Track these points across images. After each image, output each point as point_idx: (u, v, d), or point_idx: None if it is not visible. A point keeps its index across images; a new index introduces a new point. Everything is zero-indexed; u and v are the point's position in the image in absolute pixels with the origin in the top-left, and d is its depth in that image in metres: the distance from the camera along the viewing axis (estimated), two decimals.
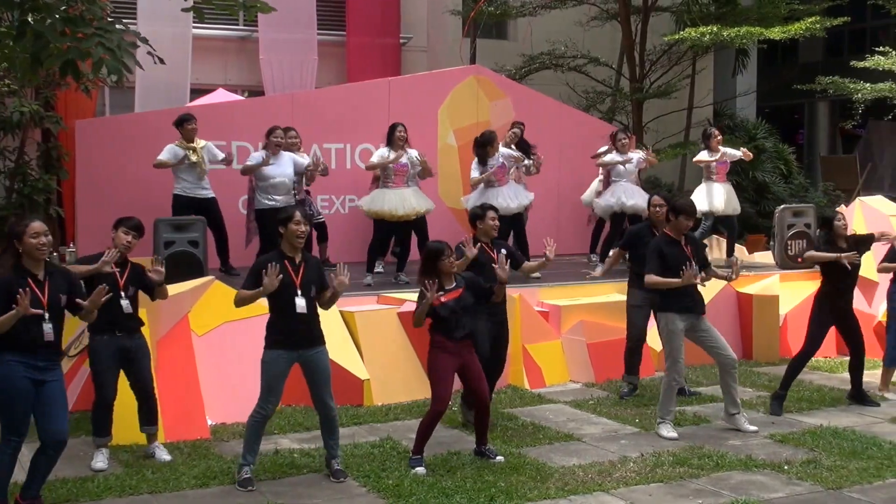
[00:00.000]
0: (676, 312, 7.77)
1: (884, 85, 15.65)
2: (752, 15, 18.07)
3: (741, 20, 17.48)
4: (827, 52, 28.51)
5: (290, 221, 6.54)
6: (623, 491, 6.47)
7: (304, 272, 6.56)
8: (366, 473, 6.74)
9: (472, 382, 7.09)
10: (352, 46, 17.87)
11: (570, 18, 19.67)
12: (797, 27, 16.58)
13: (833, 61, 24.78)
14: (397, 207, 10.58)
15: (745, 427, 7.93)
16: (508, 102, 13.54)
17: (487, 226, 7.81)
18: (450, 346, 6.90)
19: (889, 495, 6.40)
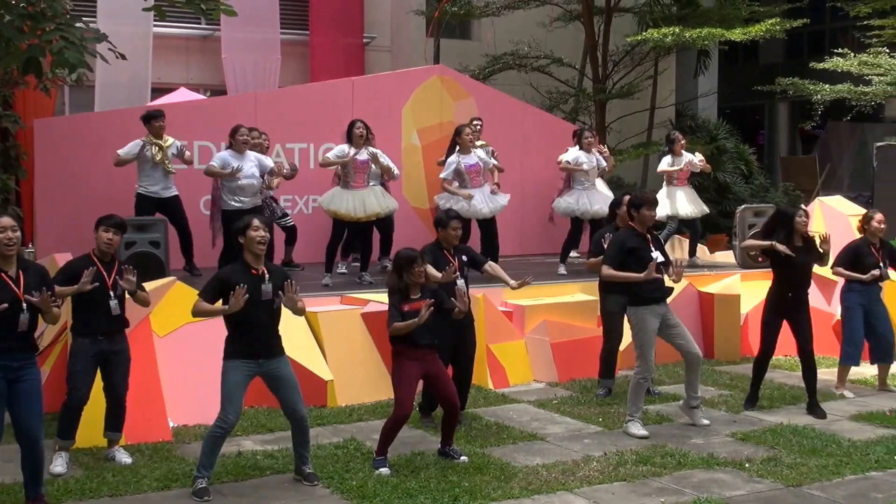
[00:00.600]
0: (648, 305, 7.79)
1: (842, 86, 15.84)
2: (713, 16, 18.24)
3: (703, 21, 17.65)
4: (787, 53, 28.82)
5: (248, 229, 6.40)
6: (586, 490, 6.48)
7: (265, 281, 6.44)
8: (329, 474, 6.70)
9: (439, 389, 7.08)
10: (315, 46, 17.82)
11: (533, 19, 19.74)
12: (757, 29, 16.74)
13: (793, 63, 25.04)
14: (356, 209, 10.47)
15: (700, 421, 8.02)
16: (472, 102, 13.56)
17: (449, 234, 7.82)
18: (412, 354, 6.88)
19: (848, 492, 6.46)
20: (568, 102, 19.34)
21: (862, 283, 9.16)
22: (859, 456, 7.18)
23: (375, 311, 9.14)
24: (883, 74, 15.26)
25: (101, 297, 6.82)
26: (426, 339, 6.91)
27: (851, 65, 15.59)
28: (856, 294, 9.22)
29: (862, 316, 9.22)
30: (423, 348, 6.90)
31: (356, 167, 10.50)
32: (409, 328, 6.77)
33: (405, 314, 6.82)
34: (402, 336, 6.87)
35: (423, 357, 6.90)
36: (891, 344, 9.37)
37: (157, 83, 16.00)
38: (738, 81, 25.70)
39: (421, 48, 18.39)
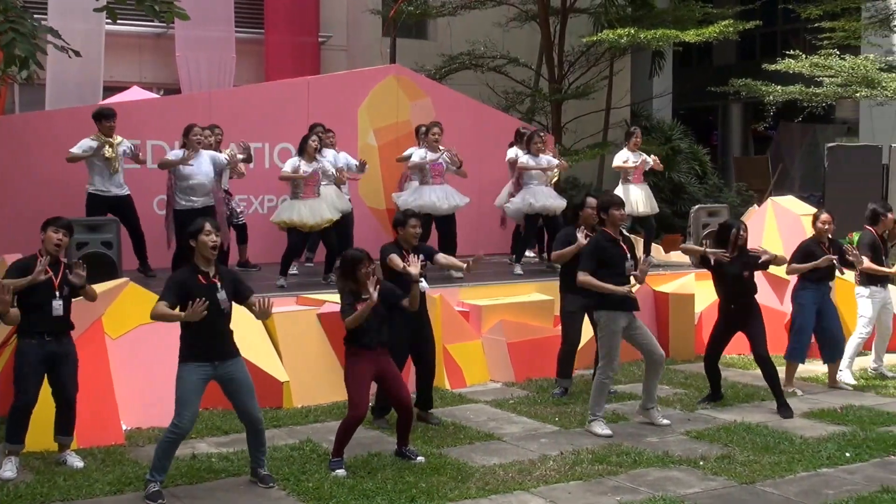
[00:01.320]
0: (617, 310, 7.81)
1: (794, 87, 16.00)
2: (667, 18, 18.38)
3: (657, 23, 17.77)
4: (740, 55, 29.11)
5: (200, 233, 6.35)
6: (543, 489, 6.49)
7: (215, 283, 6.40)
8: (285, 476, 6.66)
9: (391, 389, 7.07)
10: (270, 45, 17.72)
11: (489, 19, 19.77)
12: (711, 30, 16.88)
13: (746, 64, 25.29)
14: (306, 218, 10.44)
15: (659, 421, 8.07)
16: (428, 102, 13.54)
17: (408, 233, 7.82)
18: (364, 354, 6.86)
19: (800, 488, 6.53)
20: (524, 103, 19.39)
21: (815, 281, 9.29)
22: (811, 453, 7.26)
23: (332, 311, 9.08)
24: (833, 76, 15.44)
25: (46, 298, 6.74)
26: (378, 339, 6.89)
27: (803, 66, 15.76)
28: (810, 292, 9.34)
29: (814, 314, 9.34)
30: (375, 348, 6.88)
31: (305, 181, 10.47)
32: (363, 315, 6.74)
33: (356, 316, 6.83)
34: (354, 336, 6.86)
35: (375, 357, 6.89)
36: (841, 341, 9.52)
37: (110, 82, 15.81)
38: (692, 82, 25.91)
39: (377, 48, 18.35)
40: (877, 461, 7.13)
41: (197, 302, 6.17)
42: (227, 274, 6.67)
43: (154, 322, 7.56)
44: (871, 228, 9.86)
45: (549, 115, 18.98)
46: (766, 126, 20.83)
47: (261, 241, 11.80)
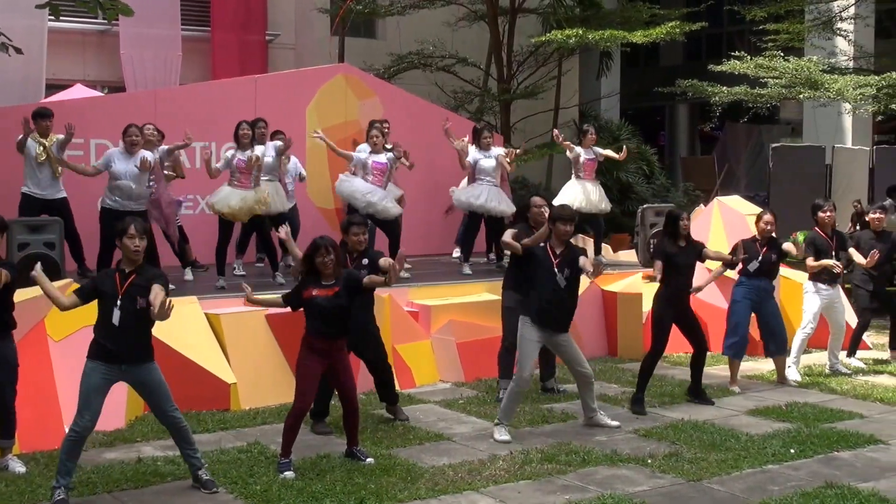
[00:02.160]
0: (534, 323, 7.73)
1: (739, 88, 16.17)
2: (615, 19, 18.50)
3: (605, 24, 17.88)
4: (686, 56, 29.40)
5: (124, 235, 6.27)
6: (493, 489, 6.48)
7: (130, 283, 6.25)
8: (233, 479, 6.59)
9: (338, 384, 7.03)
10: (217, 43, 17.57)
11: (438, 18, 19.76)
12: (658, 31, 17.03)
13: (692, 65, 25.54)
14: (234, 207, 10.26)
15: (607, 422, 8.04)
16: (377, 101, 13.50)
17: (351, 241, 7.70)
18: (318, 345, 6.81)
19: (746, 485, 6.59)
20: (473, 102, 19.41)
21: (750, 276, 9.40)
22: (757, 450, 7.33)
23: (279, 312, 9.00)
24: (778, 77, 15.63)
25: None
26: (335, 329, 6.84)
27: (748, 67, 15.92)
28: (743, 288, 9.46)
29: (748, 309, 9.44)
30: (330, 338, 6.82)
31: (238, 167, 10.33)
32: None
33: (301, 300, 6.82)
34: (309, 325, 6.83)
35: (329, 348, 6.83)
36: (784, 338, 9.64)
37: (53, 79, 15.56)
38: (639, 83, 26.12)
39: (325, 46, 18.28)
40: (821, 457, 7.22)
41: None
42: (149, 273, 6.42)
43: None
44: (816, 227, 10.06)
45: (498, 115, 19.03)
46: (713, 126, 21.09)
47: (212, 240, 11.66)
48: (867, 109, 15.77)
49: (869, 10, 19.00)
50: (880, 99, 14.66)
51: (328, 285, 6.82)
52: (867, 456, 7.26)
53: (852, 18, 17.76)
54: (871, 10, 19.24)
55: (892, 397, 9.06)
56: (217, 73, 17.03)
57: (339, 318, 6.86)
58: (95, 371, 6.21)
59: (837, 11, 17.53)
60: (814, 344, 11.07)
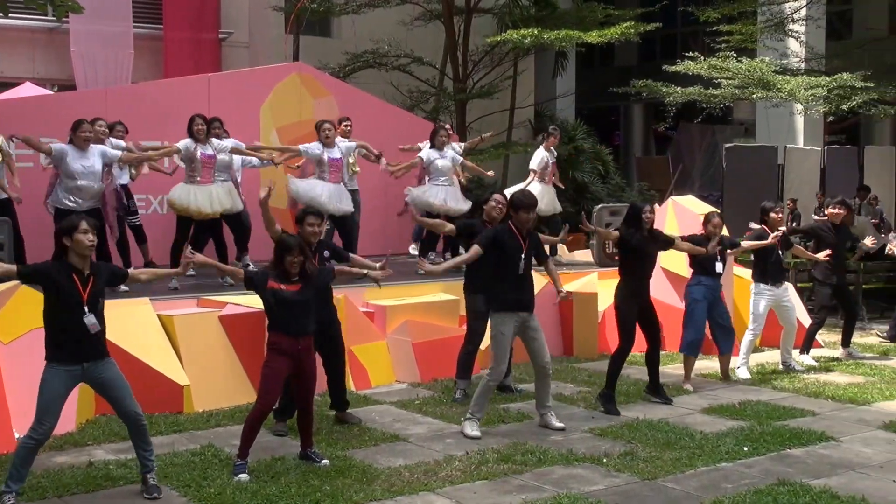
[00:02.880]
0: (507, 311, 7.76)
1: (693, 89, 16.29)
2: (570, 19, 18.56)
3: (560, 24, 17.92)
4: (641, 56, 29.60)
5: (75, 231, 6.10)
6: (449, 490, 6.47)
7: (92, 286, 6.18)
8: (186, 483, 6.52)
9: (300, 384, 6.97)
10: (169, 40, 17.39)
11: (393, 17, 19.72)
12: (612, 32, 17.11)
13: (647, 65, 25.71)
14: (204, 205, 10.18)
15: (554, 424, 7.99)
16: (332, 100, 13.43)
17: (306, 232, 7.58)
18: (286, 345, 6.75)
19: (700, 483, 6.63)
20: (429, 102, 19.39)
21: (706, 275, 9.49)
22: (710, 448, 7.39)
23: (234, 313, 8.96)
24: (731, 78, 15.76)
25: None
26: (304, 328, 6.80)
27: (702, 68, 16.04)
28: (703, 288, 9.54)
29: (706, 309, 9.53)
30: (298, 337, 6.77)
31: (203, 162, 10.22)
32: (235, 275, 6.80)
33: (265, 287, 6.78)
34: (275, 325, 6.79)
35: (296, 348, 6.76)
36: (732, 334, 9.77)
37: (1, 77, 15.31)
38: (594, 83, 26.25)
39: (280, 45, 18.16)
40: (773, 455, 7.29)
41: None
42: (104, 269, 6.43)
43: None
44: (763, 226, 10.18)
45: (454, 115, 19.02)
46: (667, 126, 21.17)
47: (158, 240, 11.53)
48: (818, 110, 15.96)
49: (820, 11, 19.24)
50: (831, 100, 14.84)
51: (294, 281, 6.79)
52: (819, 453, 7.35)
53: (803, 20, 17.97)
54: (822, 12, 19.48)
55: (843, 395, 9.19)
56: (169, 71, 16.86)
57: (304, 314, 6.80)
58: (57, 377, 6.10)
59: (789, 13, 17.73)
60: (766, 342, 11.21)
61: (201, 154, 10.20)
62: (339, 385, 8.11)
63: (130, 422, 6.36)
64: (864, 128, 24.72)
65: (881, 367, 10.51)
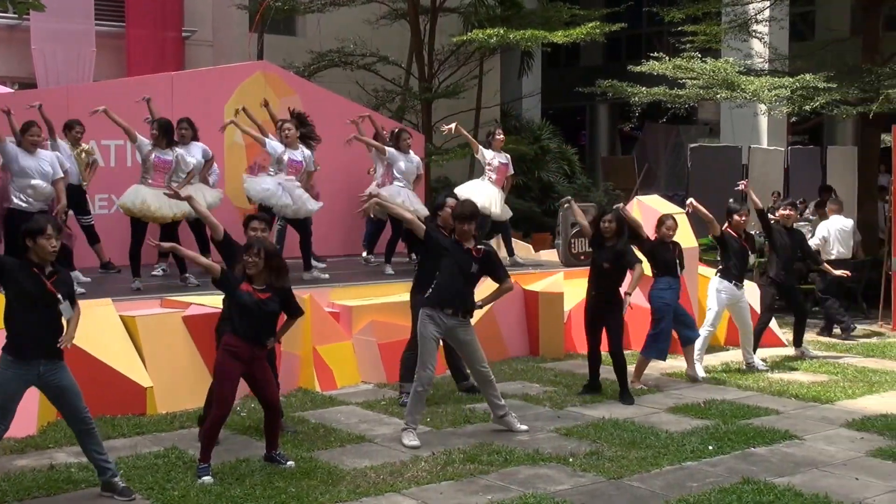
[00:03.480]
0: (434, 309, 7.65)
1: (658, 89, 16.34)
2: (536, 19, 18.56)
3: (526, 23, 17.92)
4: (606, 56, 29.69)
5: (40, 235, 6.05)
6: (414, 490, 6.46)
7: (54, 284, 6.13)
8: (149, 485, 6.46)
9: (258, 390, 6.93)
10: (132, 39, 17.23)
11: (359, 16, 19.64)
12: (578, 32, 17.13)
13: (612, 65, 25.80)
14: (152, 206, 10.04)
15: (517, 427, 7.93)
16: (297, 99, 13.34)
17: (249, 237, 7.47)
18: (237, 349, 6.69)
19: (666, 482, 6.66)
20: (394, 101, 19.31)
21: (671, 278, 9.53)
22: (676, 447, 7.42)
23: (197, 314, 8.88)
24: (695, 78, 15.82)
25: None
26: (261, 335, 6.75)
27: (666, 68, 16.09)
28: (672, 292, 9.57)
29: (670, 313, 9.59)
30: (251, 343, 6.72)
31: (156, 165, 10.12)
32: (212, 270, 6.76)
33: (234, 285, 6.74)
34: (231, 326, 6.73)
35: (246, 353, 6.72)
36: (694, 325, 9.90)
37: None
38: (560, 83, 26.30)
39: (244, 43, 18.02)
40: (738, 453, 7.33)
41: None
42: (66, 275, 6.41)
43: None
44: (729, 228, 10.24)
45: (420, 114, 18.98)
46: (633, 126, 21.29)
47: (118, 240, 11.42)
48: (782, 110, 16.08)
49: (783, 12, 19.38)
50: (794, 100, 14.93)
51: (260, 289, 6.72)
52: (782, 451, 7.40)
53: (767, 21, 18.08)
54: (785, 13, 19.62)
55: (806, 393, 9.26)
56: (132, 69, 16.69)
57: (263, 324, 6.76)
58: (12, 378, 6.04)
59: (753, 14, 17.82)
60: (731, 342, 11.29)
61: (155, 157, 10.11)
62: None
63: (81, 430, 6.30)
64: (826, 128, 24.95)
65: (844, 365, 10.61)
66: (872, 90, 14.28)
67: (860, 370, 10.35)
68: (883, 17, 16.44)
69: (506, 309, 10.71)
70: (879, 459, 7.20)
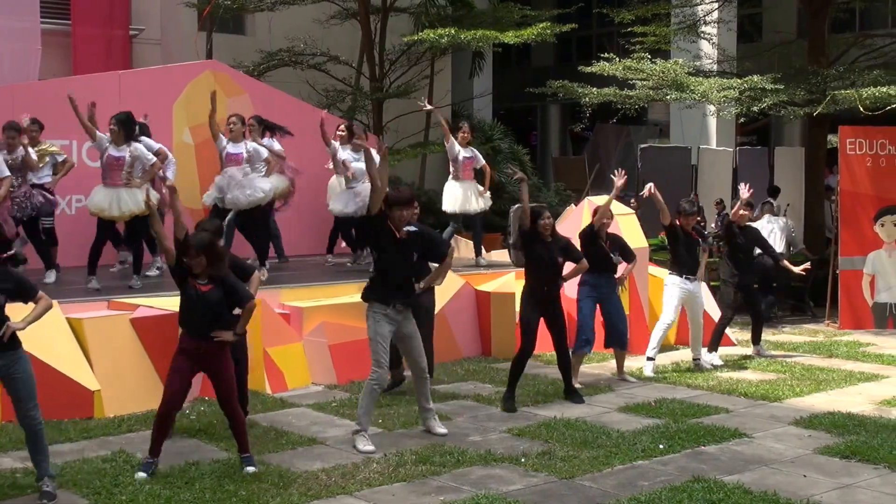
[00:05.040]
0: (381, 304, 7.57)
1: (609, 90, 16.40)
2: (487, 19, 18.55)
3: (477, 23, 17.91)
4: (557, 57, 29.81)
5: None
6: (366, 492, 6.44)
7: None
8: (96, 490, 6.37)
9: (216, 392, 6.87)
10: (78, 37, 16.96)
11: (309, 15, 19.52)
12: (529, 32, 17.16)
13: (563, 66, 25.91)
14: (105, 207, 10.01)
15: (437, 430, 7.86)
16: (247, 99, 13.26)
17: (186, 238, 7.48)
18: (187, 343, 6.67)
19: (617, 481, 6.69)
20: (345, 101, 19.21)
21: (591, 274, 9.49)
22: (627, 446, 7.46)
23: (146, 316, 8.77)
24: (645, 79, 15.90)
25: None
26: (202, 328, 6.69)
27: (616, 69, 16.15)
28: (587, 287, 9.60)
29: (591, 308, 9.61)
30: (198, 338, 6.67)
31: (110, 163, 10.02)
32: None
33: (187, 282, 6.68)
34: (183, 322, 6.73)
35: (197, 349, 6.68)
36: (622, 333, 9.83)
37: None
38: (511, 83, 26.34)
39: (192, 42, 17.81)
40: (688, 452, 7.38)
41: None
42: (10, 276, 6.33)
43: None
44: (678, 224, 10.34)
45: (371, 114, 18.90)
46: (583, 127, 21.36)
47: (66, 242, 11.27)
48: (730, 111, 16.22)
49: (731, 14, 19.58)
50: (742, 101, 15.07)
51: (202, 283, 6.69)
52: (732, 449, 7.46)
53: (715, 23, 18.27)
54: (733, 15, 19.82)
55: (755, 392, 9.35)
56: (79, 68, 16.44)
57: (205, 316, 6.68)
58: None
59: (701, 15, 17.99)
60: (681, 341, 11.38)
61: (107, 155, 10.01)
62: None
63: (30, 429, 6.21)
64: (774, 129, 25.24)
65: (792, 364, 10.73)
66: (819, 91, 14.46)
67: (808, 368, 10.48)
68: (829, 19, 16.66)
69: (457, 309, 10.71)
70: (827, 457, 7.29)
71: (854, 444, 7.49)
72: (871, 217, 13.36)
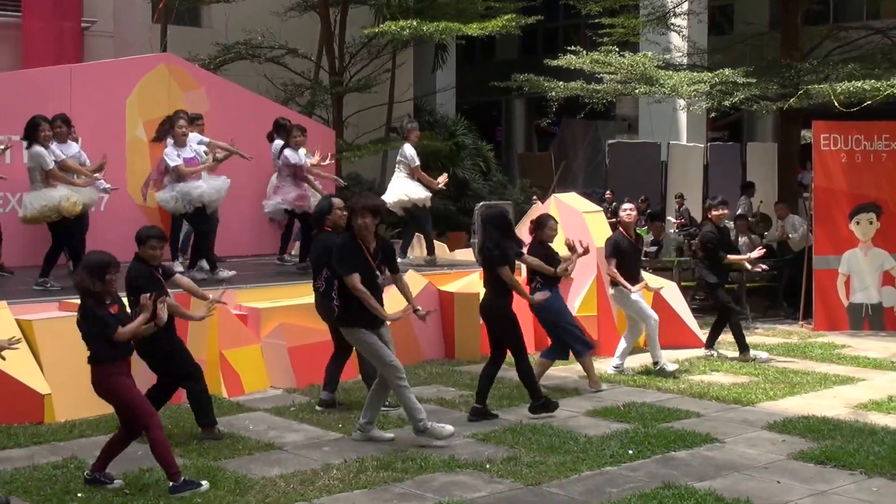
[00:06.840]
0: (364, 327, 7.51)
1: (575, 84, 16.25)
2: (450, 11, 18.35)
3: (440, 15, 17.70)
4: (522, 50, 29.72)
5: None
6: (326, 500, 6.31)
7: None
8: (47, 497, 6.24)
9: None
10: (28, 29, 16.63)
11: (266, 7, 19.28)
12: (493, 24, 16.99)
13: (528, 59, 25.78)
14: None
15: (381, 435, 7.70)
16: (203, 93, 13.01)
17: (147, 254, 7.25)
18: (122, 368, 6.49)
19: (585, 487, 6.55)
20: (304, 95, 18.96)
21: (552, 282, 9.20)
22: (595, 451, 7.30)
23: None
24: (613, 73, 15.74)
25: None
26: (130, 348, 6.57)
27: (584, 62, 15.98)
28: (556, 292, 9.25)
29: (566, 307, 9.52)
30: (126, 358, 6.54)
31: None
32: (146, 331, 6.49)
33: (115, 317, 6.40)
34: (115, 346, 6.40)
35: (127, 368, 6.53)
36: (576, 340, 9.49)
37: None
38: (475, 77, 26.22)
39: (146, 34, 17.52)
40: (658, 457, 7.23)
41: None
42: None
43: None
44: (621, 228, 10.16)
45: (330, 109, 18.66)
46: (549, 122, 21.18)
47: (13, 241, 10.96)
48: (701, 106, 16.11)
49: (702, 6, 19.48)
50: (713, 95, 14.90)
51: (109, 304, 6.43)
52: (703, 455, 7.32)
53: (685, 14, 18.15)
54: (703, 6, 19.74)
55: (727, 395, 9.19)
56: (29, 61, 16.13)
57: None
58: None
59: (671, 7, 17.83)
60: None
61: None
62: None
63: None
64: (746, 124, 25.27)
65: (765, 367, 10.52)
66: (792, 85, 14.34)
67: (781, 371, 10.33)
68: (802, 11, 16.54)
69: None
70: (801, 462, 7.14)
71: (829, 450, 7.33)
72: (846, 214, 13.12)
